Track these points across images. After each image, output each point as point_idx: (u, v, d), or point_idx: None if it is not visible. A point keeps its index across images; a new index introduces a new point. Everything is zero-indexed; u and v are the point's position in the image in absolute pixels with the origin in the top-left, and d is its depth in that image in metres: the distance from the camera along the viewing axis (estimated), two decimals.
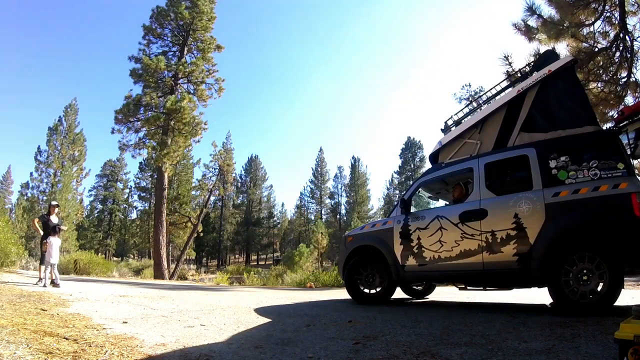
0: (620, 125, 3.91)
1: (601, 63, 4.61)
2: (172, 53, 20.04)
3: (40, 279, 6.53)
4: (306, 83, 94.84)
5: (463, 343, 2.52)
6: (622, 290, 3.37)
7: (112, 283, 9.73)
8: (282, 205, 68.71)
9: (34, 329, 2.69)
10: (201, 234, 31.16)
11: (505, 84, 4.91)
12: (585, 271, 3.32)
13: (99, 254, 32.10)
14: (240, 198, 52.61)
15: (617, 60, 4.53)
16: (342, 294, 7.34)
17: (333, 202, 48.86)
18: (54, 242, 6.68)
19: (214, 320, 3.54)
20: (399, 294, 6.71)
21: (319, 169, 49.48)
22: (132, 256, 46.18)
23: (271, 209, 53.59)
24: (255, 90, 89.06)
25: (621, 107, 4.84)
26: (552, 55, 4.47)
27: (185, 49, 19.78)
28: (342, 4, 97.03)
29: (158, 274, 17.20)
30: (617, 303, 3.38)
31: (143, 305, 4.57)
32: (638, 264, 3.33)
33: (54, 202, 7.30)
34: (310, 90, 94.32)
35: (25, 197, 31.79)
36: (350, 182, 47.58)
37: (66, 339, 2.50)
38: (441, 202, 5.44)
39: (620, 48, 4.46)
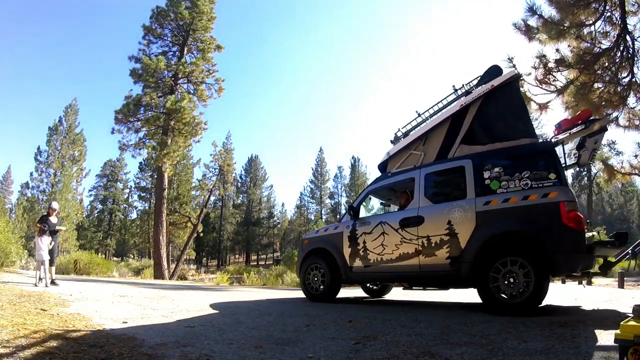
0: (558, 137, 4.10)
1: (606, 64, 4.60)
2: (172, 53, 20.05)
3: (41, 279, 6.51)
4: (306, 83, 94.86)
5: (463, 343, 2.51)
6: (548, 292, 3.57)
7: (112, 283, 9.72)
8: (282, 205, 68.76)
9: (34, 329, 2.69)
10: (201, 234, 31.16)
11: (452, 97, 5.07)
12: (511, 274, 3.51)
13: (99, 254, 32.13)
14: (240, 198, 52.59)
15: (618, 60, 4.53)
16: (343, 292, 7.34)
17: (333, 202, 48.84)
18: (44, 240, 6.61)
19: (215, 320, 3.54)
20: (399, 295, 6.71)
21: (319, 169, 49.47)
22: (132, 256, 46.18)
23: (271, 209, 53.58)
24: (255, 90, 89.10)
25: (613, 110, 4.86)
26: (496, 71, 4.64)
27: (185, 49, 19.77)
28: (343, 4, 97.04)
29: (158, 274, 17.19)
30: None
31: (143, 306, 4.57)
32: (564, 268, 3.51)
33: (54, 204, 7.31)
34: (310, 90, 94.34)
35: (25, 197, 31.79)
36: (350, 182, 47.57)
37: (66, 338, 2.50)
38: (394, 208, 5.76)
39: (621, 48, 4.45)
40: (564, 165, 4.64)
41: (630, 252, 4.04)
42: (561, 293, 6.77)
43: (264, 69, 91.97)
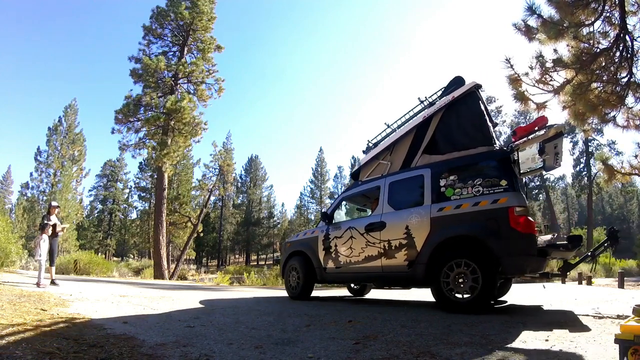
0: (514, 145, 4.21)
1: (603, 64, 4.60)
2: (172, 53, 20.03)
3: (45, 279, 6.50)
4: (307, 83, 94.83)
5: (463, 343, 2.52)
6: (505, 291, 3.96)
7: (112, 283, 9.72)
8: (282, 205, 68.87)
9: (33, 329, 2.69)
10: (201, 234, 31.17)
11: (419, 108, 5.23)
12: (461, 275, 3.75)
13: (99, 254, 32.12)
14: (240, 198, 52.58)
15: (617, 60, 4.52)
16: (344, 291, 7.35)
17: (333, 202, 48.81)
18: (45, 240, 6.55)
19: (215, 320, 3.54)
20: (400, 295, 6.72)
21: (319, 169, 49.44)
22: (132, 256, 46.19)
23: (271, 209, 53.58)
24: (256, 90, 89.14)
25: (613, 110, 4.86)
26: (459, 81, 4.78)
27: (185, 49, 19.76)
28: (343, 5, 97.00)
29: (158, 274, 17.19)
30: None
31: (143, 305, 4.57)
32: (511, 270, 3.68)
33: (54, 203, 7.29)
34: (310, 90, 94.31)
35: (25, 197, 31.82)
36: (350, 182, 47.52)
37: (66, 339, 2.50)
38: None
39: (620, 48, 4.45)
40: (529, 169, 4.92)
41: (589, 254, 4.17)
42: (561, 293, 6.78)
43: (264, 68, 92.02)
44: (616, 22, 4.44)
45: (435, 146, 4.60)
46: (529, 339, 2.56)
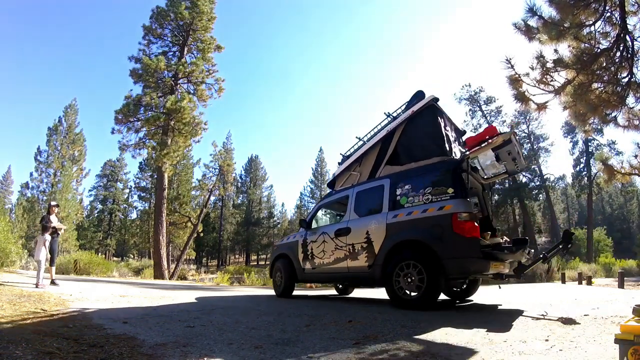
0: (466, 154, 4.47)
1: (604, 64, 4.59)
2: (172, 53, 20.02)
3: (47, 278, 6.48)
4: (307, 83, 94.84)
5: (463, 343, 2.52)
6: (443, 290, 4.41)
7: (112, 283, 9.72)
8: (282, 205, 68.79)
9: (33, 329, 2.69)
10: (201, 234, 31.16)
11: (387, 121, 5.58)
12: (409, 276, 4.10)
13: (99, 254, 32.12)
14: (240, 198, 52.57)
15: (617, 60, 4.52)
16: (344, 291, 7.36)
17: None
18: (42, 239, 6.49)
19: (215, 320, 3.54)
20: None
21: (319, 169, 49.44)
22: (132, 256, 46.15)
23: (271, 209, 53.56)
24: (256, 90, 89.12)
25: (618, 110, 4.85)
26: (420, 95, 5.08)
27: (185, 49, 19.76)
28: (342, 4, 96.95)
29: (158, 274, 17.19)
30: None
31: (143, 305, 4.57)
32: (453, 272, 3.93)
33: (53, 202, 7.27)
34: (310, 90, 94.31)
35: (25, 197, 31.78)
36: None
37: (66, 339, 2.50)
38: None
39: (621, 48, 4.45)
40: (493, 175, 5.24)
41: (541, 256, 4.35)
42: (561, 293, 6.78)
43: (264, 69, 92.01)
44: (616, 23, 4.44)
45: (397, 157, 4.99)
46: (529, 339, 2.56)
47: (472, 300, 5.23)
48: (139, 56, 18.74)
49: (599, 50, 4.57)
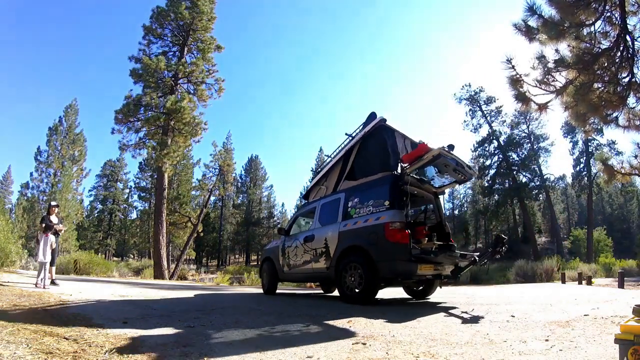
0: (402, 169, 4.98)
1: (605, 64, 4.59)
2: (172, 53, 19.98)
3: (48, 278, 6.46)
4: (306, 83, 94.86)
5: (463, 343, 2.52)
6: (382, 288, 4.99)
7: (112, 283, 9.72)
8: (282, 205, 68.67)
9: (34, 329, 2.69)
10: (201, 234, 31.11)
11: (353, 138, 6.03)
12: (352, 276, 4.81)
13: (99, 254, 32.07)
14: (240, 198, 52.56)
15: (617, 60, 4.51)
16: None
17: None
18: (48, 240, 6.42)
19: (215, 320, 3.54)
20: (399, 295, 6.72)
21: (319, 169, 49.41)
22: (132, 256, 46.18)
23: (271, 209, 53.53)
24: (256, 90, 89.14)
25: (621, 110, 4.85)
26: (372, 117, 5.51)
27: (185, 49, 19.72)
28: (342, 4, 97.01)
29: (158, 274, 17.18)
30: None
31: (143, 305, 4.57)
32: (385, 273, 4.50)
33: (53, 203, 7.26)
34: (310, 90, 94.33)
35: (25, 197, 31.76)
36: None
37: (66, 339, 2.50)
38: None
39: (621, 48, 4.44)
40: (443, 184, 5.83)
41: (473, 260, 4.83)
42: (561, 293, 6.77)
43: (263, 68, 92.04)
44: (617, 22, 4.44)
45: (353, 173, 5.65)
46: (529, 339, 2.56)
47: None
48: (139, 56, 18.72)
49: (599, 50, 4.56)
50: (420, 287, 5.87)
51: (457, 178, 5.47)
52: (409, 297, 6.12)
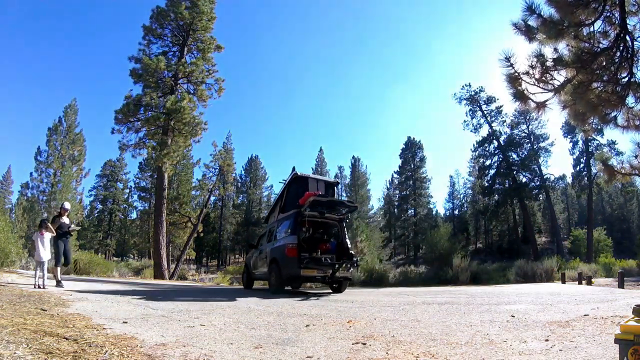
0: (302, 208, 7.09)
1: (604, 63, 4.58)
2: (172, 53, 19.95)
3: (50, 278, 6.42)
4: (306, 83, 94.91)
5: (463, 343, 2.52)
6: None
7: (112, 283, 9.72)
8: None
9: (34, 329, 2.69)
10: (201, 234, 31.07)
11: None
12: (272, 275, 7.37)
13: (99, 254, 32.10)
14: (240, 198, 52.51)
15: (617, 60, 4.51)
16: (342, 293, 7.35)
17: None
18: (45, 239, 6.31)
19: (214, 320, 3.54)
20: (399, 295, 6.72)
21: (319, 169, 49.36)
22: (132, 256, 46.11)
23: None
24: (255, 90, 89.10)
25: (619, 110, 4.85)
26: (292, 171, 8.30)
27: (185, 49, 19.70)
28: (343, 3, 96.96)
29: (158, 274, 17.17)
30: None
31: (143, 305, 4.57)
32: (284, 275, 6.92)
33: (66, 205, 7.37)
34: (310, 90, 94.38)
35: (25, 197, 31.68)
36: (350, 182, 47.48)
37: (66, 339, 2.50)
38: None
39: (621, 48, 4.44)
40: (344, 212, 7.91)
41: (336, 266, 6.96)
42: (561, 293, 6.77)
43: (263, 68, 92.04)
44: (616, 22, 4.43)
45: (284, 208, 8.11)
46: (530, 339, 2.56)
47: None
48: (139, 56, 18.69)
49: (598, 49, 4.56)
50: (335, 285, 7.81)
51: (346, 207, 7.82)
52: (329, 291, 7.98)
